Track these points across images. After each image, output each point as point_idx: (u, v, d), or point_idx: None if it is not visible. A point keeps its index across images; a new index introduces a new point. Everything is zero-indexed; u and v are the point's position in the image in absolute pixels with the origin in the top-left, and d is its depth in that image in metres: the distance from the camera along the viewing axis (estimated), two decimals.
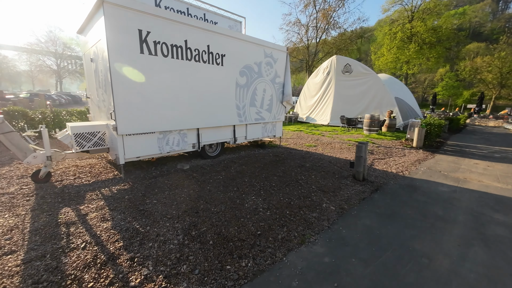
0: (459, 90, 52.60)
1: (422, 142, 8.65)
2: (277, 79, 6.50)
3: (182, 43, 4.34)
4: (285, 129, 12.24)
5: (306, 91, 17.81)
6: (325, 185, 4.38)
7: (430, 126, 8.91)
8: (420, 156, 7.48)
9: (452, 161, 7.10)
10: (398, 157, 7.22)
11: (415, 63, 24.55)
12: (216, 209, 3.20)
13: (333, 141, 8.98)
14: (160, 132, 4.36)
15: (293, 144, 8.18)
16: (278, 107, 6.74)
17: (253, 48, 5.69)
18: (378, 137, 9.95)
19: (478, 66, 36.97)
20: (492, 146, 10.22)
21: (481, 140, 12.35)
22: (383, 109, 14.00)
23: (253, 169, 4.99)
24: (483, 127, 21.72)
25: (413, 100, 20.40)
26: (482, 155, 8.25)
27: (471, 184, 5.02)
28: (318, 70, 16.72)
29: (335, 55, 15.24)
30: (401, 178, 5.22)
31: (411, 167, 6.20)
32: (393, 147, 8.39)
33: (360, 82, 14.52)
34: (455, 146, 9.96)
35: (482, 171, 6.20)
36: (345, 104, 15.01)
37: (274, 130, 6.90)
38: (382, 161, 6.54)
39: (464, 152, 8.67)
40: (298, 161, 5.81)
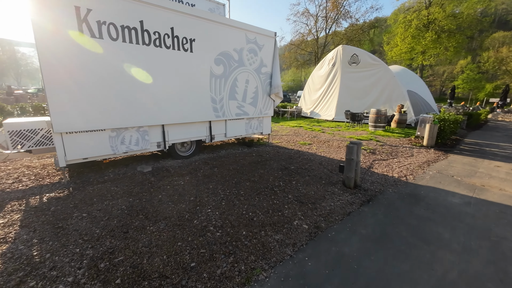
0: (481, 83, 49.15)
1: (434, 140, 7.62)
2: (263, 68, 5.74)
3: (136, 24, 3.68)
4: (285, 125, 11.45)
5: (311, 85, 16.79)
6: (306, 194, 3.64)
7: (444, 122, 7.84)
8: (431, 157, 6.52)
9: (468, 163, 6.11)
10: (404, 157, 6.30)
11: (432, 54, 22.65)
12: (153, 227, 2.57)
13: (332, 138, 8.13)
14: (113, 129, 3.76)
15: (285, 141, 7.42)
16: (265, 101, 5.99)
17: (232, 32, 4.94)
18: (384, 134, 8.97)
19: (503, 56, 34.01)
20: None
21: (504, 137, 11.01)
22: (393, 103, 12.86)
23: (225, 172, 4.32)
24: (507, 122, 19.83)
25: (429, 94, 18.85)
26: (505, 155, 7.14)
27: (490, 194, 4.11)
28: (323, 62, 15.63)
29: (341, 45, 14.10)
30: (403, 185, 4.37)
31: (417, 170, 5.31)
32: (399, 146, 7.44)
33: (368, 74, 13.37)
34: (474, 144, 8.82)
35: (504, 175, 5.21)
36: (351, 98, 13.94)
37: (261, 127, 6.17)
38: (384, 163, 5.67)
39: (484, 152, 7.57)
40: (283, 163, 5.07)
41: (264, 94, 5.90)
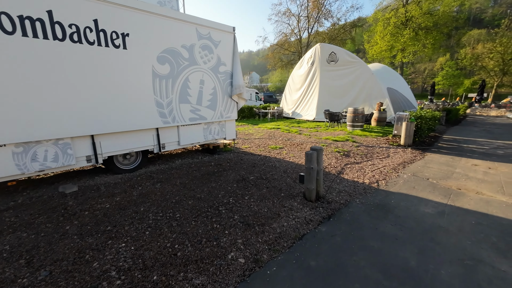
0: (460, 79, 50.94)
1: (411, 139, 7.30)
2: (222, 67, 5.16)
3: (43, 15, 3.00)
4: (262, 127, 10.91)
5: (291, 84, 16.40)
6: (257, 213, 3.08)
7: (421, 119, 7.55)
8: (407, 157, 6.16)
9: (445, 163, 5.77)
10: (379, 159, 5.89)
11: (411, 51, 22.93)
12: (28, 278, 1.91)
13: (307, 140, 7.66)
14: (17, 144, 3.06)
15: (256, 146, 6.86)
16: (227, 103, 5.41)
17: (179, 26, 4.34)
18: (362, 134, 8.61)
19: (479, 53, 35.20)
20: (494, 140, 8.85)
21: (482, 132, 10.97)
22: (372, 101, 12.63)
23: (168, 189, 3.70)
24: (485, 117, 20.24)
25: (409, 91, 18.92)
26: (482, 152, 6.90)
27: (466, 200, 3.70)
28: (302, 61, 15.27)
29: (318, 43, 13.77)
30: (373, 193, 3.90)
31: (391, 173, 4.88)
32: (376, 146, 7.05)
33: (347, 72, 13.10)
34: (452, 141, 8.61)
35: (482, 176, 4.87)
36: (331, 96, 13.62)
37: (223, 132, 5.58)
38: (357, 167, 5.22)
39: (461, 149, 7.32)
40: (243, 172, 4.50)
41: (224, 96, 5.32)
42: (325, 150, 6.34)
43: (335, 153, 6.12)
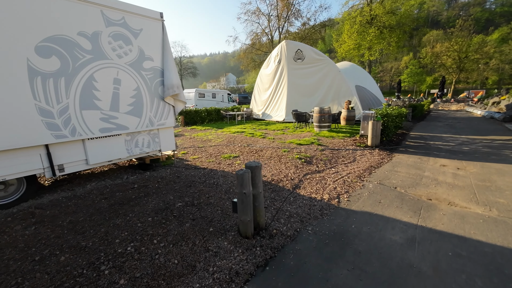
0: (423, 76, 54.43)
1: (378, 139, 6.79)
2: (147, 63, 4.10)
3: None
4: (225, 131, 9.93)
5: (260, 84, 15.64)
6: (161, 268, 2.10)
7: (388, 117, 7.08)
8: (374, 160, 5.57)
9: (413, 165, 5.25)
10: (344, 165, 5.21)
11: (377, 49, 23.49)
12: None
13: (270, 145, 6.83)
14: None
15: (206, 156, 5.87)
16: (158, 108, 4.36)
17: (69, 6, 3.21)
18: (329, 135, 7.99)
19: (438, 52, 37.58)
20: (458, 136, 8.76)
21: (446, 127, 11.03)
22: (341, 99, 12.25)
23: (44, 234, 2.57)
24: (447, 111, 21.23)
25: (377, 88, 19.16)
26: (449, 150, 6.58)
27: (439, 216, 3.05)
28: (269, 59, 14.57)
29: (284, 40, 13.13)
30: (332, 214, 3.12)
31: (355, 183, 4.17)
32: (342, 149, 6.42)
33: (315, 70, 12.61)
34: (419, 138, 8.34)
35: (452, 179, 4.36)
36: (300, 96, 13.05)
37: (156, 143, 4.50)
38: (318, 177, 4.45)
39: (429, 147, 6.98)
40: (171, 197, 3.49)
41: (154, 99, 4.26)
42: (285, 157, 5.54)
43: (296, 160, 5.34)
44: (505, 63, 43.18)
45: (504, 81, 47.22)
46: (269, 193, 3.67)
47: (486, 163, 5.33)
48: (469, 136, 8.60)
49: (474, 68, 38.96)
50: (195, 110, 14.00)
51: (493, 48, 38.87)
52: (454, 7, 76.45)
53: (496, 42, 43.04)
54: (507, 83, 44.59)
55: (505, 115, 13.12)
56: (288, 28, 33.67)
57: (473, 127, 11.07)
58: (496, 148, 6.64)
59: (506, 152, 6.21)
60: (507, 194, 3.65)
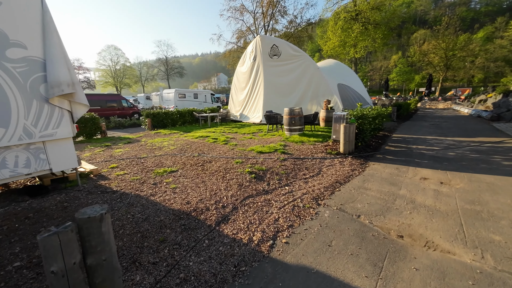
0: (411, 75, 54.66)
1: (352, 145, 5.82)
2: (15, 51, 2.94)
3: None
4: (189, 136, 8.79)
5: (236, 83, 14.56)
6: None
7: (363, 119, 6.11)
8: (343, 172, 4.57)
9: (389, 178, 4.27)
10: (304, 180, 4.19)
11: (362, 46, 22.77)
12: None
13: (226, 154, 5.76)
14: None
15: (137, 171, 4.73)
16: (41, 113, 3.20)
17: None
18: (299, 140, 6.97)
19: (425, 50, 37.44)
20: (443, 138, 7.91)
21: (432, 128, 10.23)
22: (320, 98, 11.30)
23: None
24: (434, 110, 20.69)
25: (362, 87, 18.37)
26: (433, 156, 5.66)
27: (408, 274, 2.03)
28: (244, 56, 13.50)
29: (259, 35, 12.06)
30: (248, 277, 2.06)
31: (308, 210, 3.14)
32: (308, 158, 5.41)
33: (292, 67, 11.61)
34: (401, 141, 7.43)
35: (433, 200, 3.39)
36: (278, 95, 12.04)
37: (42, 160, 3.34)
38: (262, 200, 3.41)
39: (410, 153, 6.05)
40: (18, 248, 2.36)
41: (32, 101, 3.11)
42: (234, 171, 4.47)
43: (245, 175, 4.28)
44: (490, 61, 43.60)
45: (489, 79, 47.78)
46: (176, 234, 2.59)
47: (474, 174, 4.40)
48: (456, 138, 7.76)
49: (461, 66, 39.05)
50: (165, 112, 12.80)
51: (478, 47, 39.07)
52: (441, 7, 77.45)
53: (481, 41, 43.39)
54: (492, 81, 45.07)
55: (492, 113, 12.47)
56: (274, 26, 32.75)
57: (460, 127, 10.31)
58: (485, 153, 5.77)
59: (496, 158, 5.33)
60: (503, 226, 2.68)
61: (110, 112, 17.38)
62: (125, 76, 57.93)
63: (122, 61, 58.12)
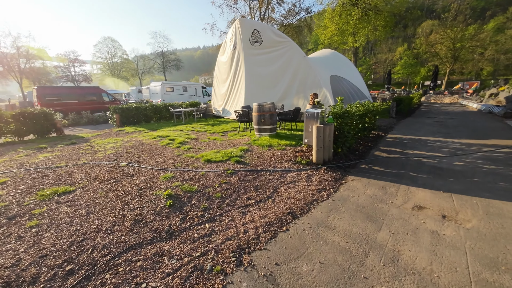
0: (417, 68, 52.34)
1: (329, 152, 4.47)
2: None
3: None
4: (154, 134, 7.50)
5: (218, 75, 13.14)
6: None
7: (344, 119, 4.73)
8: (305, 196, 3.25)
9: (366, 207, 2.94)
10: (242, 210, 2.89)
11: (361, 34, 20.91)
12: None
13: (170, 159, 4.47)
14: None
15: (25, 190, 3.46)
16: None
17: None
18: (267, 143, 5.63)
19: (432, 41, 35.27)
20: (449, 139, 6.50)
21: (435, 126, 8.77)
22: (308, 91, 9.87)
23: None
24: (439, 104, 19.06)
25: (360, 80, 16.80)
26: (434, 167, 4.29)
27: None
28: (224, 44, 12.01)
29: (238, 18, 10.53)
30: None
31: (215, 278, 1.85)
32: (268, 171, 4.09)
33: (275, 55, 10.15)
34: (396, 144, 6.04)
35: (428, 257, 2.07)
36: (261, 88, 10.63)
37: None
38: (150, 255, 2.11)
39: (405, 162, 4.68)
40: None
41: None
42: (150, 193, 3.18)
43: (161, 200, 2.99)
44: (500, 53, 41.17)
45: (499, 72, 45.31)
46: None
47: (492, 200, 3.05)
48: (464, 140, 6.35)
49: (469, 58, 36.80)
50: (136, 107, 11.50)
51: (488, 38, 36.71)
52: None
53: (492, 32, 40.86)
54: (502, 74, 42.69)
55: (506, 109, 10.92)
56: (270, 15, 30.85)
57: (469, 125, 8.84)
58: (503, 163, 4.39)
59: None
60: None
61: (88, 106, 16.20)
62: (122, 69, 56.66)
63: (119, 54, 56.73)
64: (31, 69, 40.54)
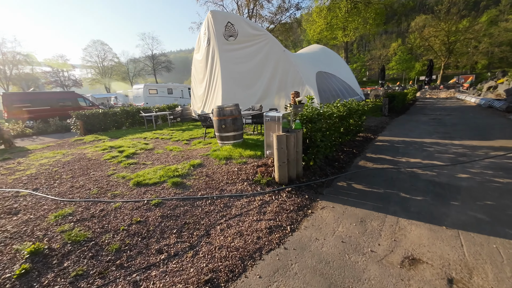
0: (411, 63, 51.72)
1: (296, 167, 3.42)
2: None
3: None
4: (103, 145, 6.42)
5: (195, 74, 12.07)
6: None
7: (315, 124, 3.68)
8: (244, 245, 2.20)
9: (333, 262, 1.89)
10: (132, 283, 1.82)
11: (351, 28, 19.90)
12: None
13: (93, 182, 3.41)
14: None
15: None
16: None
17: None
18: (227, 155, 4.57)
19: (426, 35, 34.49)
20: (449, 141, 5.49)
21: (432, 124, 7.79)
22: (291, 90, 8.82)
23: None
24: (435, 100, 18.15)
25: (351, 76, 15.80)
26: (431, 183, 3.26)
27: None
28: (199, 40, 10.93)
29: (210, 10, 9.45)
30: None
31: None
32: (208, 198, 3.03)
33: (252, 50, 9.10)
34: (386, 151, 5.00)
35: None
36: (239, 88, 9.58)
37: None
38: None
39: (396, 176, 3.63)
40: None
41: None
42: (4, 249, 2.11)
43: (20, 261, 1.91)
44: (494, 46, 40.53)
45: (493, 65, 44.67)
46: None
47: None
48: (466, 142, 5.35)
49: (464, 51, 36.05)
50: (104, 112, 10.40)
51: (482, 30, 36.00)
52: None
53: (485, 25, 40.21)
54: (497, 67, 42.02)
55: (507, 103, 9.97)
56: (259, 12, 29.81)
57: (469, 122, 7.87)
58: None
59: None
60: None
61: (62, 112, 15.01)
62: (113, 72, 55.33)
63: (110, 57, 55.33)
64: (19, 75, 39.19)
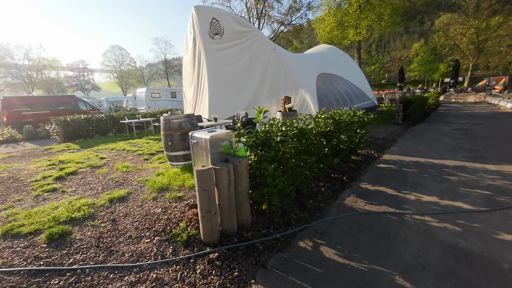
0: (435, 64, 48.10)
1: (233, 217, 2.23)
2: None
3: None
4: (54, 159, 5.61)
5: (185, 77, 11.18)
6: None
7: (268, 149, 2.44)
8: None
9: None
10: None
11: (364, 25, 18.10)
12: None
13: None
14: None
15: None
16: None
17: None
18: (166, 182, 3.45)
19: (452, 34, 31.54)
20: (480, 165, 3.95)
21: (456, 137, 6.18)
22: (282, 94, 7.59)
23: None
24: (461, 104, 15.93)
25: (362, 79, 14.17)
26: (450, 248, 1.86)
27: None
28: (186, 40, 10.00)
29: (194, 5, 8.47)
30: None
31: None
32: (85, 271, 1.91)
33: (239, 49, 8.00)
34: (388, 179, 3.58)
35: None
36: (227, 91, 8.53)
37: None
38: None
39: (393, 233, 2.25)
40: None
41: None
42: None
43: None
44: None
45: None
46: None
47: None
48: (505, 168, 3.82)
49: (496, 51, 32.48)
50: (87, 118, 9.77)
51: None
52: None
53: None
54: None
55: None
56: (268, 12, 28.78)
57: (507, 134, 6.18)
58: None
59: None
60: None
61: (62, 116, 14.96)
62: (129, 76, 57.24)
63: (127, 61, 57.19)
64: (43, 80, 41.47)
